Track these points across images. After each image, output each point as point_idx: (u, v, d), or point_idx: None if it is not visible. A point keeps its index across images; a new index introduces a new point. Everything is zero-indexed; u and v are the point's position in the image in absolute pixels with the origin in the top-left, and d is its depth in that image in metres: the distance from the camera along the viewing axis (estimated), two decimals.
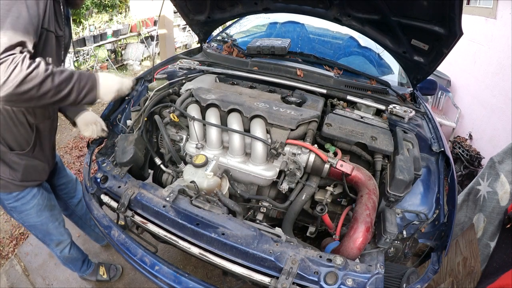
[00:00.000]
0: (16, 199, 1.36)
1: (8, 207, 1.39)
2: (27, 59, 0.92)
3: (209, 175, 1.25)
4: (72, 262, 1.82)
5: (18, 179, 1.30)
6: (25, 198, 1.38)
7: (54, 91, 0.98)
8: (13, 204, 1.37)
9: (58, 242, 1.64)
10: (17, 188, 1.33)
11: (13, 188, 1.32)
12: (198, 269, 2.11)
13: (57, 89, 0.98)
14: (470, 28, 3.55)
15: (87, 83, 1.08)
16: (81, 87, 1.06)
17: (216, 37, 2.56)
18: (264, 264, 1.05)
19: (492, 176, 1.92)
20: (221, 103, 1.45)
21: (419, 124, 1.66)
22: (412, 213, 1.30)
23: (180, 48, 7.63)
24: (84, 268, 1.91)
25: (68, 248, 1.70)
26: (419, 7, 1.41)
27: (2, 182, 1.28)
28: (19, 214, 1.43)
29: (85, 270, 1.92)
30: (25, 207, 1.40)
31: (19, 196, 1.36)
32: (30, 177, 1.35)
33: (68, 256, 1.73)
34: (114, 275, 2.03)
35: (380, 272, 1.01)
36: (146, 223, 1.27)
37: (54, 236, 1.60)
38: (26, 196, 1.38)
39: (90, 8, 7.37)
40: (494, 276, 1.61)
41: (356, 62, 2.25)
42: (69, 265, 1.84)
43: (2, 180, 1.28)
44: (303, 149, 1.36)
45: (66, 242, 1.68)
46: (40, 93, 0.95)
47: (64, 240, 1.66)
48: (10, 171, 1.28)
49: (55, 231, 1.58)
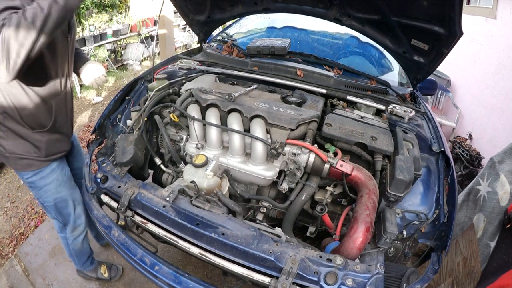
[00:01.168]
0: (35, 173, 1.38)
1: (27, 182, 1.42)
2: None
3: (209, 175, 1.25)
4: (79, 255, 1.81)
5: (43, 155, 1.35)
6: (44, 172, 1.40)
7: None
8: (32, 179, 1.39)
9: (75, 226, 1.64)
10: (42, 164, 1.37)
11: (39, 164, 1.37)
12: (198, 269, 2.11)
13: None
14: (470, 28, 3.55)
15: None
16: None
17: (216, 37, 2.56)
18: (264, 264, 1.05)
19: (492, 176, 1.92)
20: (221, 103, 1.45)
21: (419, 124, 1.66)
22: (412, 213, 1.30)
23: (180, 48, 7.63)
24: (87, 264, 1.90)
25: (82, 237, 1.71)
26: (419, 7, 1.41)
27: (27, 161, 1.33)
28: (38, 190, 1.44)
29: (88, 266, 1.92)
30: (44, 181, 1.42)
31: (37, 171, 1.38)
32: (53, 150, 1.39)
33: (79, 246, 1.73)
34: (115, 275, 2.03)
35: (380, 272, 1.01)
36: (146, 223, 1.27)
37: (71, 217, 1.60)
38: (45, 169, 1.40)
39: (90, 8, 7.37)
40: (494, 276, 1.61)
41: (356, 62, 2.25)
42: (74, 257, 1.83)
43: (27, 159, 1.33)
44: (303, 149, 1.36)
45: (81, 228, 1.68)
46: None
47: (81, 224, 1.66)
48: (35, 149, 1.33)
49: (73, 212, 1.58)
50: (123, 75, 5.93)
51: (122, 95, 1.76)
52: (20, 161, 1.34)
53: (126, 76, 5.88)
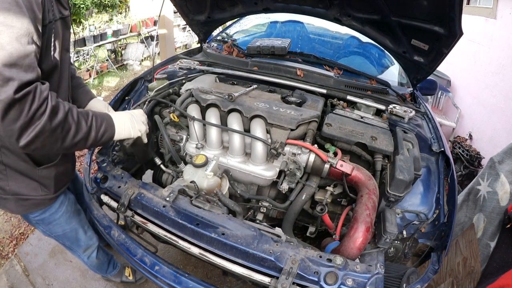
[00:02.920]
0: (43, 211, 1.23)
1: (34, 221, 1.26)
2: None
3: (209, 175, 1.25)
4: (99, 267, 1.72)
5: (52, 192, 1.18)
6: (53, 207, 1.25)
7: (75, 127, 0.90)
8: (40, 216, 1.24)
9: (87, 247, 1.54)
10: (51, 201, 1.22)
11: (48, 203, 1.21)
12: (198, 269, 2.11)
13: (77, 124, 0.91)
14: (470, 28, 3.55)
15: (103, 120, 1.01)
16: (98, 125, 0.98)
17: (216, 37, 2.56)
18: (264, 264, 1.05)
19: (492, 176, 1.92)
20: (221, 103, 1.45)
21: (419, 124, 1.66)
22: (412, 213, 1.30)
23: (180, 48, 7.63)
24: (110, 269, 1.81)
25: (95, 252, 1.60)
26: (419, 7, 1.41)
27: (33, 201, 1.16)
28: (47, 225, 1.29)
29: (111, 271, 1.83)
30: (54, 217, 1.28)
31: (46, 208, 1.23)
32: (61, 184, 1.24)
33: (96, 261, 1.63)
34: (141, 277, 1.98)
35: (380, 272, 1.01)
36: (146, 223, 1.26)
37: (83, 241, 1.49)
38: (54, 204, 1.25)
39: (90, 8, 7.36)
40: (494, 276, 1.61)
41: (356, 62, 2.25)
42: (97, 271, 1.74)
43: (34, 199, 1.15)
44: (303, 149, 1.36)
45: (94, 246, 1.58)
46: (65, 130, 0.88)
47: (93, 244, 1.56)
48: (41, 187, 1.14)
49: (84, 236, 1.48)
50: (123, 75, 5.93)
51: (122, 95, 1.75)
52: (24, 203, 1.15)
53: (126, 76, 5.88)
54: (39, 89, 0.80)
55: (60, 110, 0.86)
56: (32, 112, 0.78)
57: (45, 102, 0.81)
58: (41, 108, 0.80)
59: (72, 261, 2.11)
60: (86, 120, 0.94)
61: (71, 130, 0.89)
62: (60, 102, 0.88)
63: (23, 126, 0.79)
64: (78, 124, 0.91)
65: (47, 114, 0.81)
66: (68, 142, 0.90)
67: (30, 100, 0.78)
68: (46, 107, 0.81)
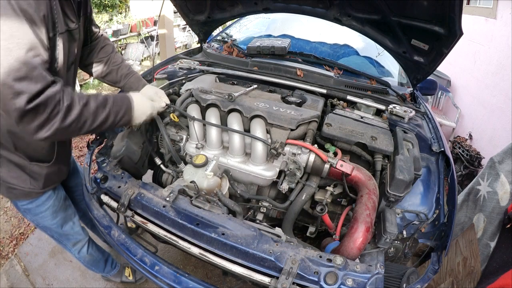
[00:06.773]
0: (30, 202, 1.30)
1: (22, 209, 1.33)
2: None
3: (209, 175, 1.25)
4: (94, 263, 1.73)
5: (40, 187, 1.25)
6: (40, 200, 1.31)
7: (92, 119, 0.97)
8: (27, 206, 1.31)
9: (75, 241, 1.58)
10: (38, 195, 1.28)
11: (35, 195, 1.27)
12: (198, 269, 2.11)
13: (94, 115, 0.97)
14: (470, 28, 3.55)
15: (122, 106, 1.07)
16: (117, 109, 1.05)
17: (216, 37, 2.56)
18: (264, 264, 1.05)
19: (492, 176, 1.92)
20: (221, 103, 1.45)
21: (419, 124, 1.66)
22: (412, 213, 1.30)
23: (180, 48, 7.63)
24: (108, 268, 1.82)
25: (86, 248, 1.62)
26: (419, 7, 1.41)
27: (21, 191, 1.22)
28: (33, 216, 1.36)
29: (110, 270, 1.84)
30: (40, 209, 1.34)
31: (33, 199, 1.30)
32: (51, 182, 1.30)
33: (87, 256, 1.65)
34: (141, 277, 1.98)
35: (380, 272, 1.01)
36: (146, 223, 1.26)
37: (71, 236, 1.53)
38: (41, 197, 1.31)
39: None
40: (494, 276, 1.61)
41: (356, 62, 2.25)
42: (91, 267, 1.75)
43: (22, 190, 1.22)
44: (303, 149, 1.36)
45: (83, 241, 1.61)
46: (80, 124, 0.94)
47: (82, 239, 1.59)
48: (31, 180, 1.21)
49: (71, 231, 1.51)
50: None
51: None
52: (13, 191, 1.22)
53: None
54: (51, 95, 0.85)
55: (75, 107, 0.91)
56: (46, 116, 0.85)
57: (58, 105, 0.87)
58: (54, 111, 0.86)
59: (72, 261, 2.11)
60: (104, 108, 1.00)
61: (87, 122, 0.96)
62: (75, 98, 0.92)
63: (39, 126, 0.86)
64: (95, 115, 0.97)
65: (61, 115, 0.88)
66: (85, 130, 0.98)
67: (43, 108, 0.84)
68: (59, 108, 0.87)
